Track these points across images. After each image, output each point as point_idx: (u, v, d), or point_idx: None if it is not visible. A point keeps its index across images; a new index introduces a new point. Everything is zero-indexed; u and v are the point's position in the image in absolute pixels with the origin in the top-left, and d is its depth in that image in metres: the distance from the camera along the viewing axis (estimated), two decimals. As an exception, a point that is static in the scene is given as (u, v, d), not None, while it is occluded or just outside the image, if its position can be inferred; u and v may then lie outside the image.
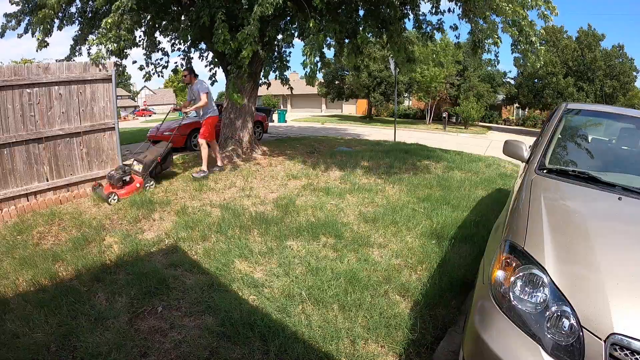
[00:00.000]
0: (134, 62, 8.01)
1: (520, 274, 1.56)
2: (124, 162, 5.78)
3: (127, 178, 5.25)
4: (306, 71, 5.62)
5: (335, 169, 6.74)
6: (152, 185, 5.53)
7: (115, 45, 5.42)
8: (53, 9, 5.89)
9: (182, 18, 7.27)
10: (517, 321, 1.47)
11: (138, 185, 5.33)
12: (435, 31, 8.01)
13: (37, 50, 6.61)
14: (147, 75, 7.96)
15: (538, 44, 6.09)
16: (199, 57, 9.03)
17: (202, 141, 6.19)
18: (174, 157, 7.27)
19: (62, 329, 2.46)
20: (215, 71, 8.30)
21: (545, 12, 6.00)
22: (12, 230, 4.18)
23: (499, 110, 37.37)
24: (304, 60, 5.49)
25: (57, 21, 6.88)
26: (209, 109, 6.26)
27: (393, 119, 20.80)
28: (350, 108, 42.64)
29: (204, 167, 6.18)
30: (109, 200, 4.91)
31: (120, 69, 6.51)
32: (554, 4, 6.00)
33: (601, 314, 1.34)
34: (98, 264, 3.40)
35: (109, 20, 5.29)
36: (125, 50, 6.35)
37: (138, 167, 5.60)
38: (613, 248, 1.67)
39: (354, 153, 8.39)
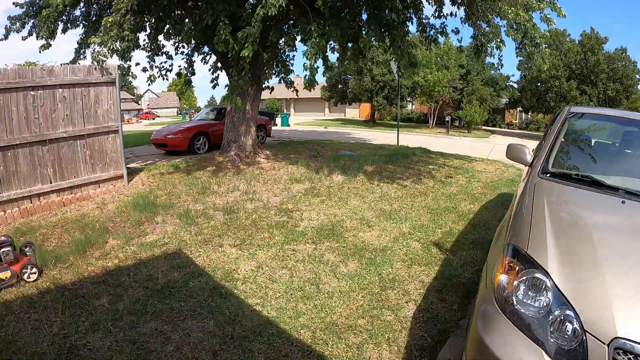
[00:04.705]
0: (137, 64, 7.97)
1: (524, 277, 1.55)
2: None
3: None
4: (306, 74, 5.62)
5: (338, 172, 6.73)
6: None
7: (118, 44, 5.39)
8: (57, 9, 5.92)
9: (186, 21, 7.30)
10: (520, 325, 1.46)
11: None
12: (438, 35, 8.02)
13: (39, 51, 6.64)
14: (152, 76, 7.92)
15: (543, 46, 6.09)
16: (202, 61, 9.05)
17: None
18: (177, 160, 7.20)
19: (64, 331, 2.46)
20: (218, 74, 8.30)
21: (549, 15, 6.00)
22: (15, 232, 4.20)
23: (502, 114, 37.27)
24: (304, 64, 5.50)
25: (61, 24, 6.92)
26: None
27: (396, 122, 20.80)
28: (353, 112, 42.63)
29: None
30: None
31: (124, 71, 6.49)
32: (559, 5, 6.02)
33: (604, 318, 1.33)
34: (100, 266, 3.41)
35: (110, 19, 5.29)
36: (128, 51, 6.25)
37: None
38: (616, 252, 1.66)
39: (357, 157, 8.38)
